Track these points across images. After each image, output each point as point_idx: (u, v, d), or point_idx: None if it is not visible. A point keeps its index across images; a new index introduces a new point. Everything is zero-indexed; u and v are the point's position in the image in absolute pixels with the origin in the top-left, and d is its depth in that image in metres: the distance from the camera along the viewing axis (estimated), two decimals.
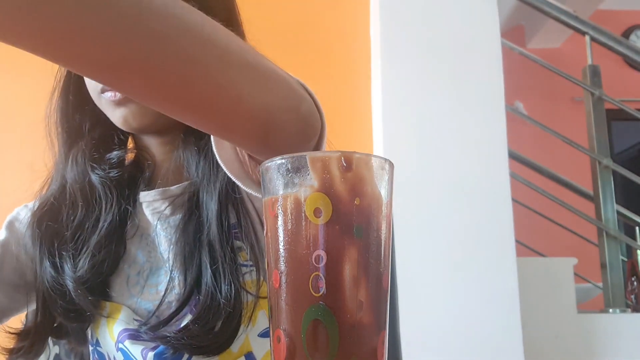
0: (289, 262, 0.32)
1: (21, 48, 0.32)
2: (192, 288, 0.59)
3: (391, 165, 0.34)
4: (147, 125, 0.64)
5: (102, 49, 0.33)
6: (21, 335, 0.64)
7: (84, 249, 0.63)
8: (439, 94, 1.60)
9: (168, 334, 0.57)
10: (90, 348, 0.66)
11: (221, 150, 0.51)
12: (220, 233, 0.60)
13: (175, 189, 0.65)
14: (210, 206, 0.61)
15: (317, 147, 0.51)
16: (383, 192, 0.33)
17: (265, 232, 0.34)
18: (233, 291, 0.57)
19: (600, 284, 1.95)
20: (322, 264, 0.31)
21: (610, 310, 1.81)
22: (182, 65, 0.36)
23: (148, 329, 0.59)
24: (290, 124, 0.45)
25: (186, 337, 0.57)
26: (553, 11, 1.99)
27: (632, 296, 1.95)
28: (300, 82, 0.49)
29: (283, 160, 0.32)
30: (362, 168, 0.32)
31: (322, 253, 0.31)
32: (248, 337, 0.60)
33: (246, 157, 0.52)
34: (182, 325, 0.58)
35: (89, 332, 0.67)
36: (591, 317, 1.76)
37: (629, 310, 1.86)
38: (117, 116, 0.63)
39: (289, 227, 0.32)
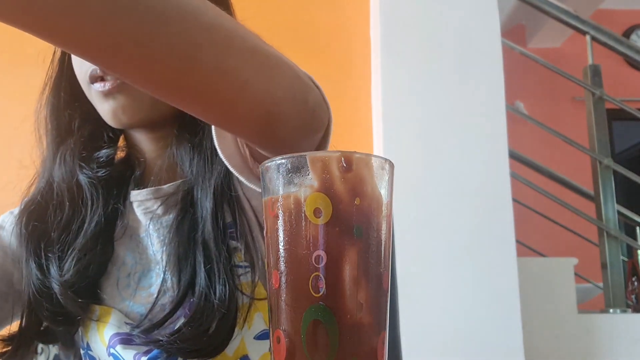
0: (288, 263, 0.32)
1: (15, 26, 0.31)
2: (187, 289, 0.57)
3: (391, 165, 0.34)
4: (138, 120, 0.62)
5: (102, 27, 0.32)
6: (5, 340, 0.62)
7: (70, 251, 0.61)
8: (439, 93, 1.60)
9: (161, 338, 0.56)
10: (82, 352, 0.65)
11: (223, 143, 0.50)
12: (215, 231, 0.58)
13: (168, 187, 0.63)
14: (205, 204, 0.59)
15: (323, 141, 0.50)
16: (383, 192, 0.33)
17: (265, 232, 0.34)
18: (227, 292, 0.56)
19: (601, 284, 1.95)
20: (322, 264, 0.31)
21: (611, 310, 1.81)
22: (184, 47, 0.35)
23: (140, 332, 0.57)
24: (295, 114, 0.44)
25: (179, 340, 0.55)
26: (553, 11, 1.98)
27: (633, 296, 1.95)
28: (307, 74, 0.48)
29: (283, 160, 0.32)
30: (362, 168, 0.32)
31: (322, 253, 0.31)
32: (244, 340, 0.59)
33: (247, 152, 0.51)
34: (175, 328, 0.56)
35: (79, 335, 0.65)
36: (591, 317, 1.76)
37: (630, 310, 1.86)
38: (106, 110, 0.61)
39: (289, 227, 0.32)
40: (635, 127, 3.52)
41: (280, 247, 0.32)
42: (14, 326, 0.66)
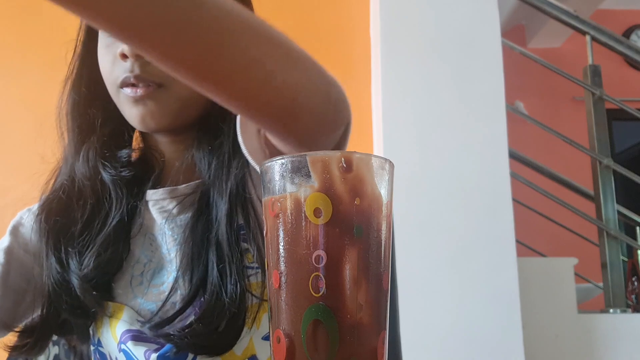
0: (289, 262, 0.32)
1: (53, 2, 0.32)
2: (198, 288, 0.58)
3: (391, 165, 0.34)
4: (164, 126, 0.64)
5: (139, 7, 0.33)
6: (25, 332, 0.64)
7: (90, 246, 0.63)
8: (439, 93, 1.60)
9: (172, 332, 0.57)
10: (92, 348, 0.66)
11: (247, 139, 0.51)
12: (229, 233, 0.59)
13: (184, 188, 0.64)
14: (221, 206, 0.61)
15: (342, 140, 0.51)
16: (383, 192, 0.33)
17: (265, 232, 0.34)
18: (238, 291, 0.57)
19: (601, 284, 1.95)
20: (322, 264, 0.31)
21: (611, 310, 1.81)
22: (216, 33, 0.37)
23: (151, 327, 0.58)
24: (317, 107, 0.45)
25: (189, 336, 0.56)
26: (553, 11, 1.98)
27: (633, 296, 1.95)
28: (330, 74, 0.49)
29: (283, 160, 0.32)
30: (362, 168, 0.32)
31: (322, 253, 0.31)
32: (252, 340, 0.60)
33: (267, 151, 0.52)
34: (186, 324, 0.58)
35: (90, 331, 0.66)
36: (592, 317, 1.76)
37: (630, 310, 1.86)
38: (134, 115, 0.62)
39: (289, 227, 0.32)
40: (635, 127, 3.52)
41: (281, 247, 0.32)
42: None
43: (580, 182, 2.28)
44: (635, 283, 1.96)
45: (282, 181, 0.32)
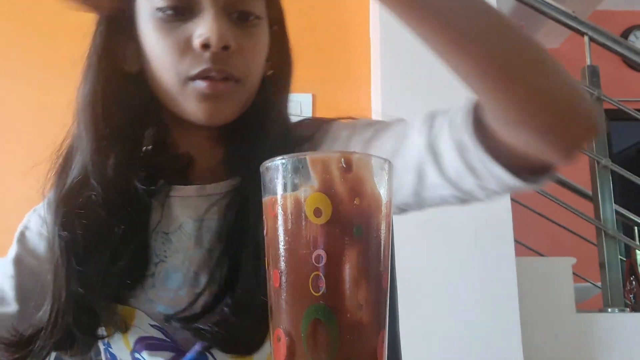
0: (289, 262, 0.32)
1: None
2: (229, 283, 0.54)
3: (391, 165, 0.34)
4: (227, 121, 0.59)
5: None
6: (20, 345, 0.58)
7: (120, 260, 0.57)
8: (439, 94, 1.60)
9: (202, 327, 0.53)
10: (102, 347, 0.63)
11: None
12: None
13: (213, 186, 0.60)
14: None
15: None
16: (383, 192, 0.33)
17: (265, 232, 0.34)
18: None
19: (599, 284, 1.95)
20: (322, 264, 0.31)
21: (609, 309, 1.81)
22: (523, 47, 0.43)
23: (181, 319, 0.55)
24: (586, 111, 0.46)
25: (224, 330, 0.52)
26: (552, 12, 1.99)
27: (631, 296, 1.95)
28: None
29: (284, 161, 0.33)
30: (361, 168, 0.32)
31: (322, 253, 0.31)
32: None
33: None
34: (218, 318, 0.54)
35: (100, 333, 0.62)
36: (590, 317, 1.76)
37: (628, 309, 1.86)
38: (202, 109, 0.57)
39: (289, 227, 0.32)
40: (633, 127, 3.53)
41: (281, 246, 0.32)
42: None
43: (578, 182, 2.28)
44: (634, 282, 1.96)
45: (283, 181, 0.33)
